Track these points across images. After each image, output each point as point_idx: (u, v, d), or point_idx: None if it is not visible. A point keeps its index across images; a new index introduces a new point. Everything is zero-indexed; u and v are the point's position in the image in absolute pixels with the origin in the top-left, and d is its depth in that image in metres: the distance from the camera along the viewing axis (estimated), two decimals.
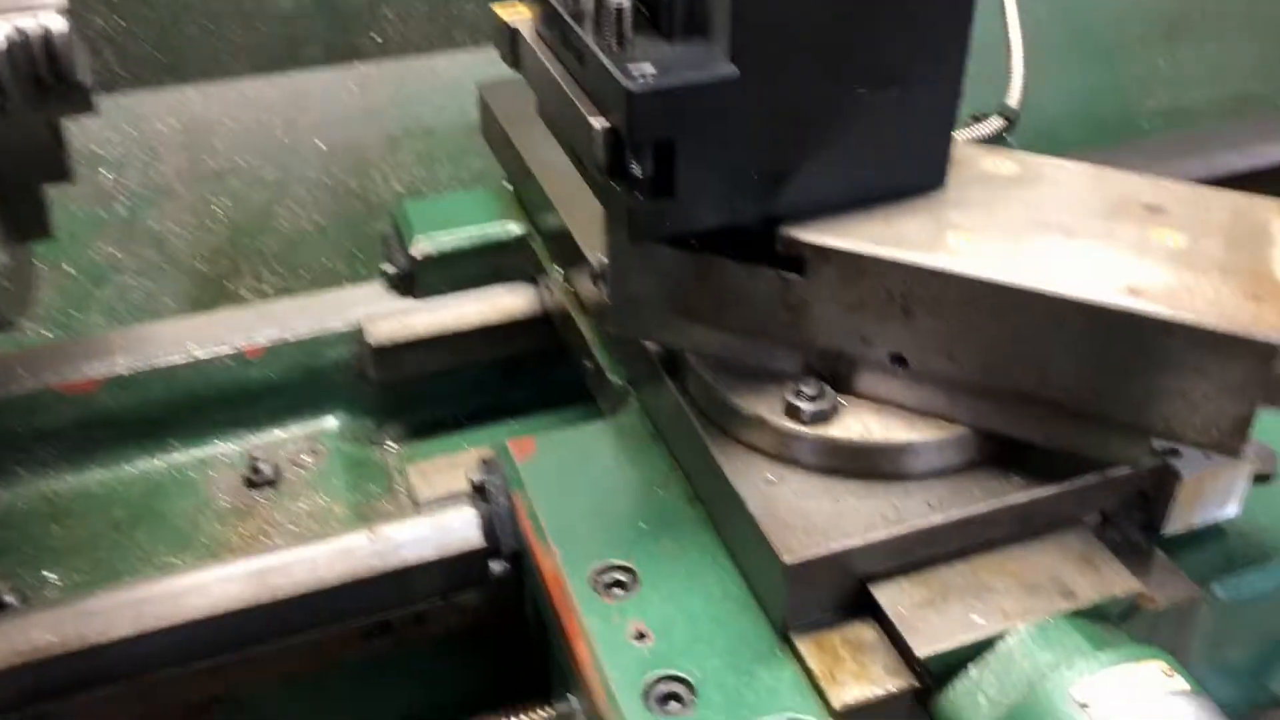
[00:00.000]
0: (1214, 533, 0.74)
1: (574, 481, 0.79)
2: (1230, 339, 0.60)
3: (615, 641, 0.68)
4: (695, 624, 0.68)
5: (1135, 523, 0.72)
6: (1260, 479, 0.75)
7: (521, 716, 0.86)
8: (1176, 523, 0.72)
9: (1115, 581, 0.67)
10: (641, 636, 0.68)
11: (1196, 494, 0.71)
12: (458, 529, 0.81)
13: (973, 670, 0.64)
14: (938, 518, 0.67)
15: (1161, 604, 0.69)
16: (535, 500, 0.78)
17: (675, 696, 0.65)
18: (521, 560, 0.79)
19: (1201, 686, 0.60)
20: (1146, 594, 0.68)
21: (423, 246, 1.07)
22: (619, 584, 0.71)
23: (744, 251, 0.68)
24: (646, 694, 0.65)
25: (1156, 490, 0.71)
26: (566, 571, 0.72)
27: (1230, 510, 0.73)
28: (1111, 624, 0.66)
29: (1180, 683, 0.59)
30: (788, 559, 0.65)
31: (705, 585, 0.71)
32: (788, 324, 0.70)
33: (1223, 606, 0.71)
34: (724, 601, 0.70)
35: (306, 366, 1.07)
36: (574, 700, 0.73)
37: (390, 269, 1.09)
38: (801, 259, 0.67)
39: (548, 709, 0.85)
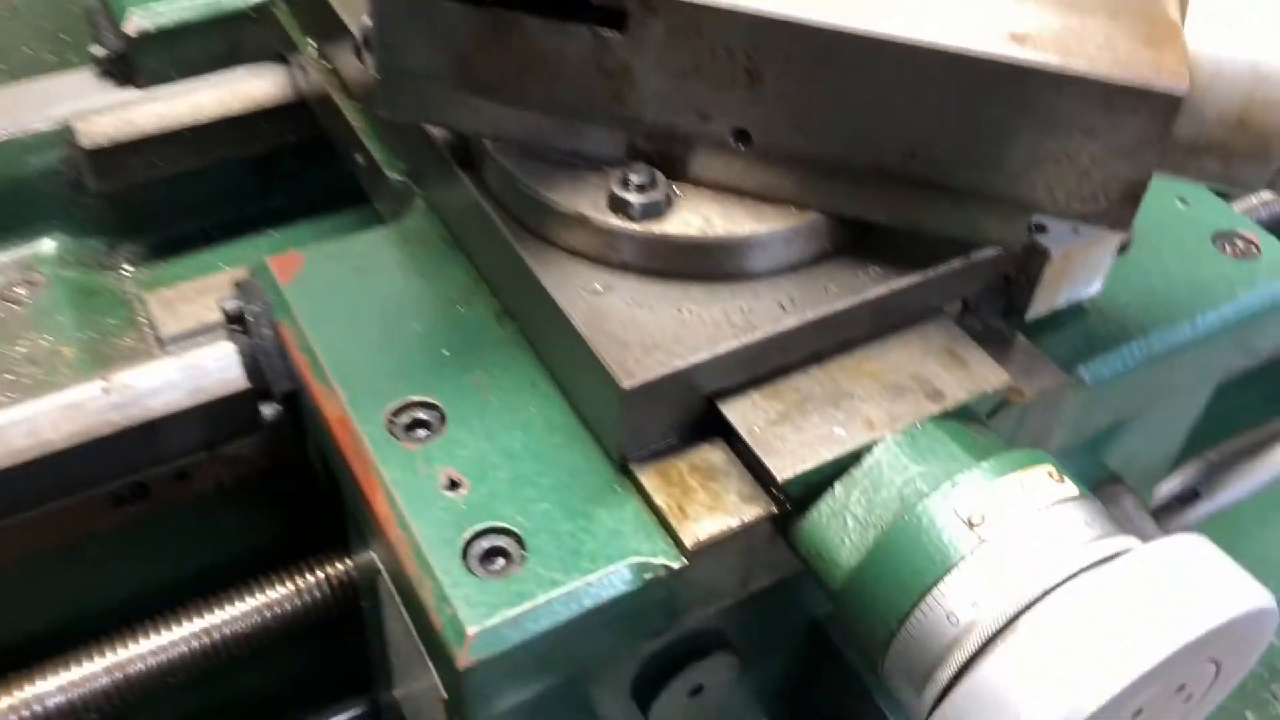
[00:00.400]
0: (1075, 313, 0.68)
1: (354, 303, 0.66)
2: (1129, 90, 0.51)
3: (423, 494, 0.56)
4: (517, 465, 0.58)
5: (997, 309, 0.65)
6: (1119, 250, 0.69)
7: (318, 572, 0.75)
8: (1040, 305, 0.65)
9: (984, 376, 0.60)
10: (454, 485, 0.57)
11: (1063, 273, 0.64)
12: (214, 370, 0.66)
13: (838, 489, 0.56)
14: (791, 320, 0.58)
15: (1030, 396, 0.62)
16: (308, 329, 0.64)
17: (501, 552, 0.54)
18: (299, 400, 0.66)
19: (1080, 483, 0.54)
20: (1016, 387, 0.61)
21: (138, 21, 0.87)
22: (421, 425, 0.60)
23: (549, 3, 0.54)
24: (465, 552, 0.54)
25: (1021, 272, 0.64)
26: (355, 415, 0.60)
27: (1094, 288, 0.67)
28: (981, 423, 0.59)
29: (1069, 487, 0.53)
30: (626, 383, 0.54)
31: (526, 418, 0.60)
32: (607, 96, 0.57)
33: (1086, 390, 0.66)
34: (549, 435, 0.59)
35: (6, 177, 0.87)
36: (376, 551, 0.62)
37: (100, 51, 0.89)
38: (622, 10, 0.54)
39: (347, 562, 0.74)
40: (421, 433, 0.59)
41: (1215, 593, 0.48)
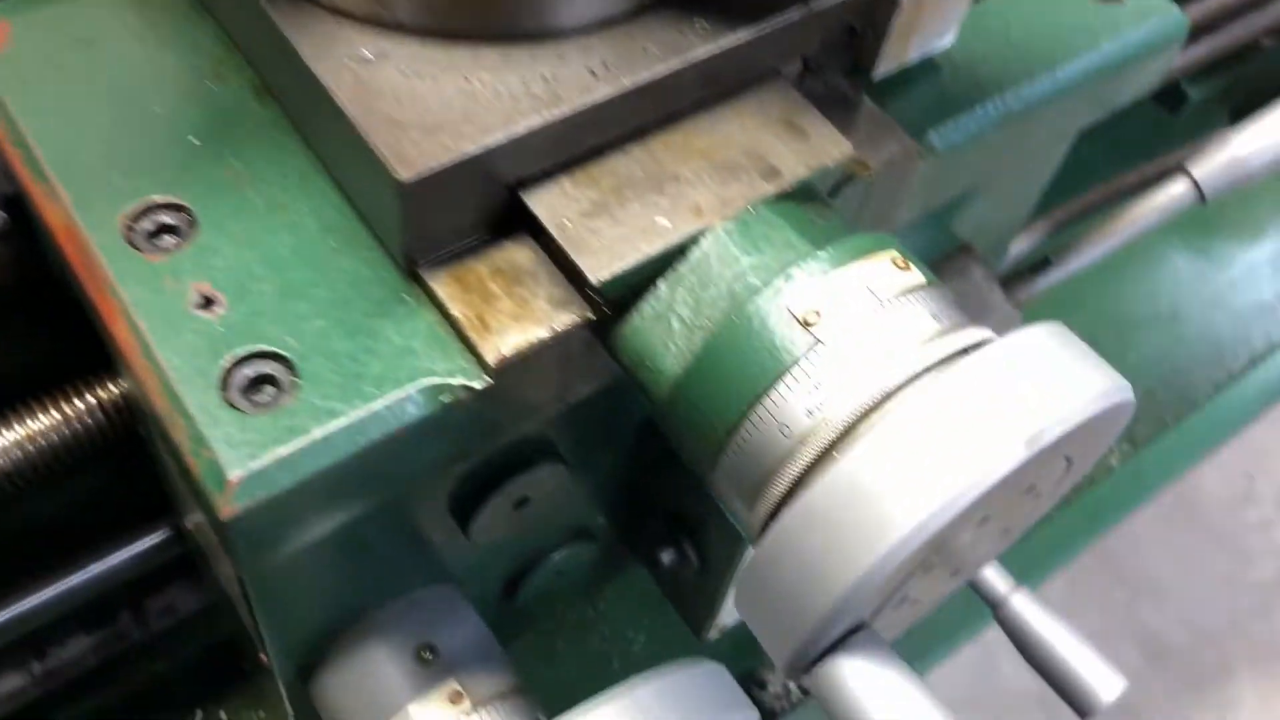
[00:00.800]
0: (926, 70, 0.60)
1: (78, 83, 0.54)
2: None
3: (170, 315, 0.47)
4: (285, 275, 0.49)
5: (841, 67, 0.57)
6: None
7: (88, 397, 0.65)
8: (889, 61, 0.57)
9: (825, 149, 0.52)
10: (209, 303, 0.48)
11: (915, 22, 0.56)
12: None
13: (662, 288, 0.49)
14: (604, 89, 0.49)
15: (876, 168, 0.56)
16: (20, 117, 0.52)
17: (268, 380, 0.46)
18: (24, 206, 0.55)
19: (928, 270, 0.48)
20: (861, 159, 0.54)
21: None
22: (167, 230, 0.50)
23: None
24: (225, 383, 0.46)
25: (867, 23, 0.56)
26: (84, 221, 0.49)
27: (947, 39, 0.59)
28: (823, 203, 0.52)
29: (915, 276, 0.47)
30: (404, 174, 0.45)
31: (294, 218, 0.50)
32: None
33: (938, 158, 0.59)
34: (323, 238, 0.50)
35: None
36: (127, 382, 0.53)
37: None
38: None
39: (113, 386, 0.64)
40: (167, 240, 0.49)
41: (1080, 388, 0.43)
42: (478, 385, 0.47)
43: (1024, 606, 0.57)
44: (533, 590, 0.73)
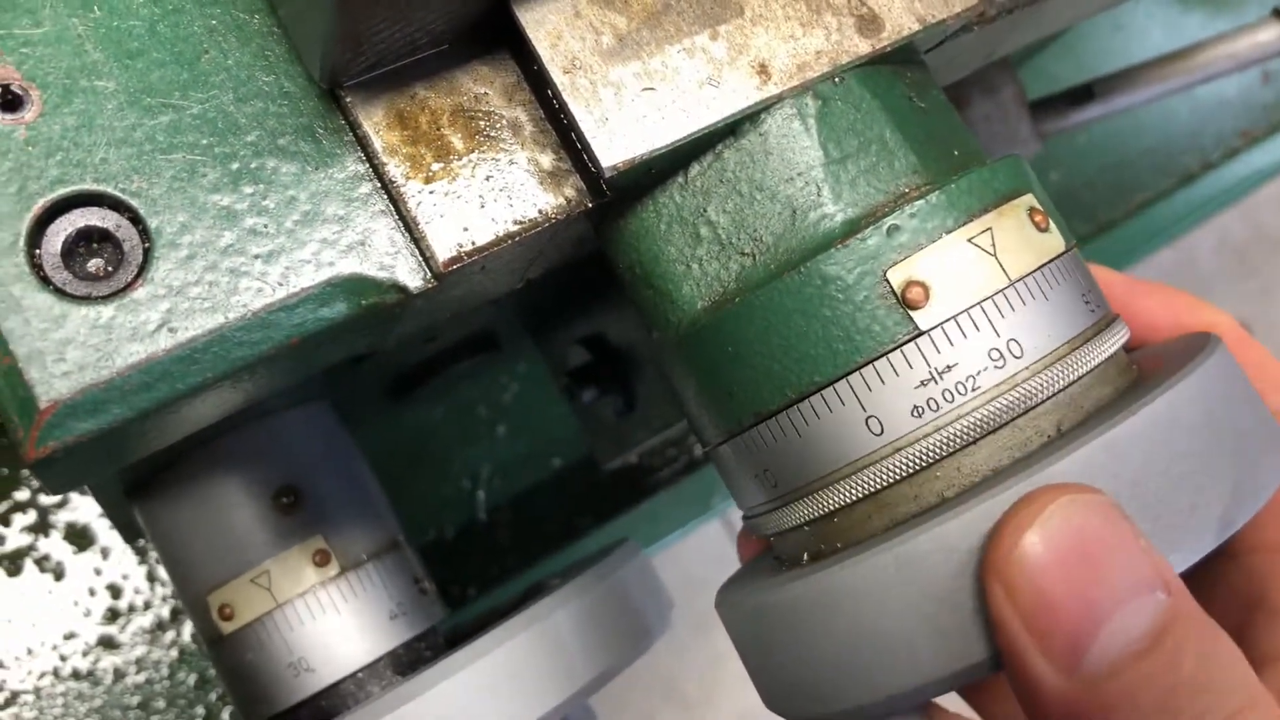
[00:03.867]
0: None
1: None
2: None
3: None
4: (134, 66, 0.32)
5: None
6: None
7: None
8: None
9: None
10: (13, 102, 0.30)
11: None
12: None
13: (694, 177, 0.34)
14: None
15: (992, 14, 0.40)
16: None
17: (102, 240, 0.31)
18: None
19: (1064, 224, 0.35)
20: (987, 10, 0.39)
21: None
22: None
23: None
24: (35, 240, 0.30)
25: None
26: None
27: None
28: (923, 74, 0.37)
29: (1055, 238, 0.33)
30: None
31: None
32: None
33: None
34: (199, 9, 0.32)
35: None
36: None
37: None
38: None
39: None
40: None
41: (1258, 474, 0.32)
42: (415, 286, 0.33)
43: None
44: (422, 399, 0.61)
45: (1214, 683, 0.28)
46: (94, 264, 0.30)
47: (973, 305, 0.31)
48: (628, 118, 0.32)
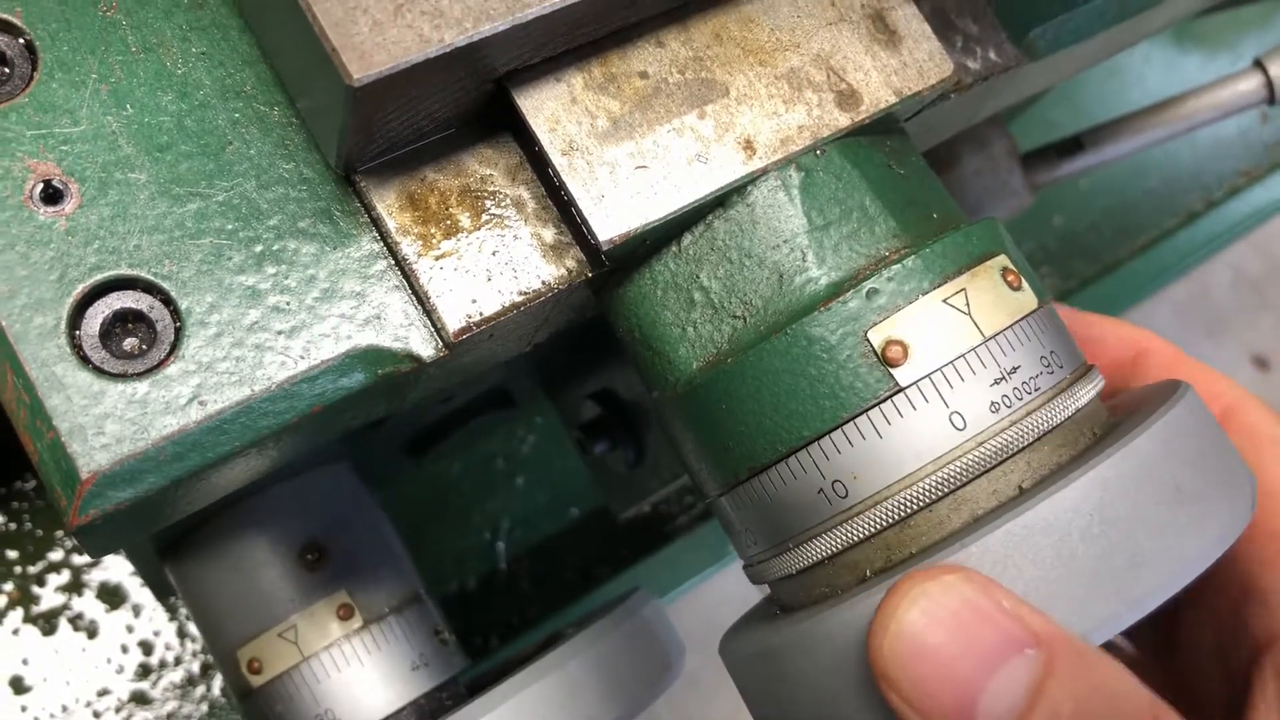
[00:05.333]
0: None
1: None
2: None
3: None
4: (165, 159, 0.34)
5: None
6: None
7: None
8: None
9: (921, 65, 0.39)
10: (54, 196, 0.33)
11: None
12: None
13: (688, 246, 0.36)
14: None
15: (968, 83, 0.43)
16: None
17: (136, 321, 0.33)
18: None
19: (1036, 280, 0.37)
20: (960, 79, 0.41)
21: None
22: None
23: None
24: (75, 322, 0.32)
25: None
26: None
27: None
28: (903, 142, 0.40)
29: (1027, 296, 0.35)
30: (355, 71, 0.30)
31: (181, 68, 0.35)
32: None
33: (1037, 65, 0.46)
34: (223, 105, 0.35)
35: None
36: None
37: None
38: None
39: None
40: None
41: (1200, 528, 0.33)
42: (428, 355, 0.35)
43: None
44: (441, 454, 0.63)
45: (1102, 715, 0.29)
46: (129, 343, 0.33)
47: (949, 362, 0.33)
48: (623, 194, 0.35)
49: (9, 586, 0.75)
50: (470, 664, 0.56)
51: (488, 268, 0.35)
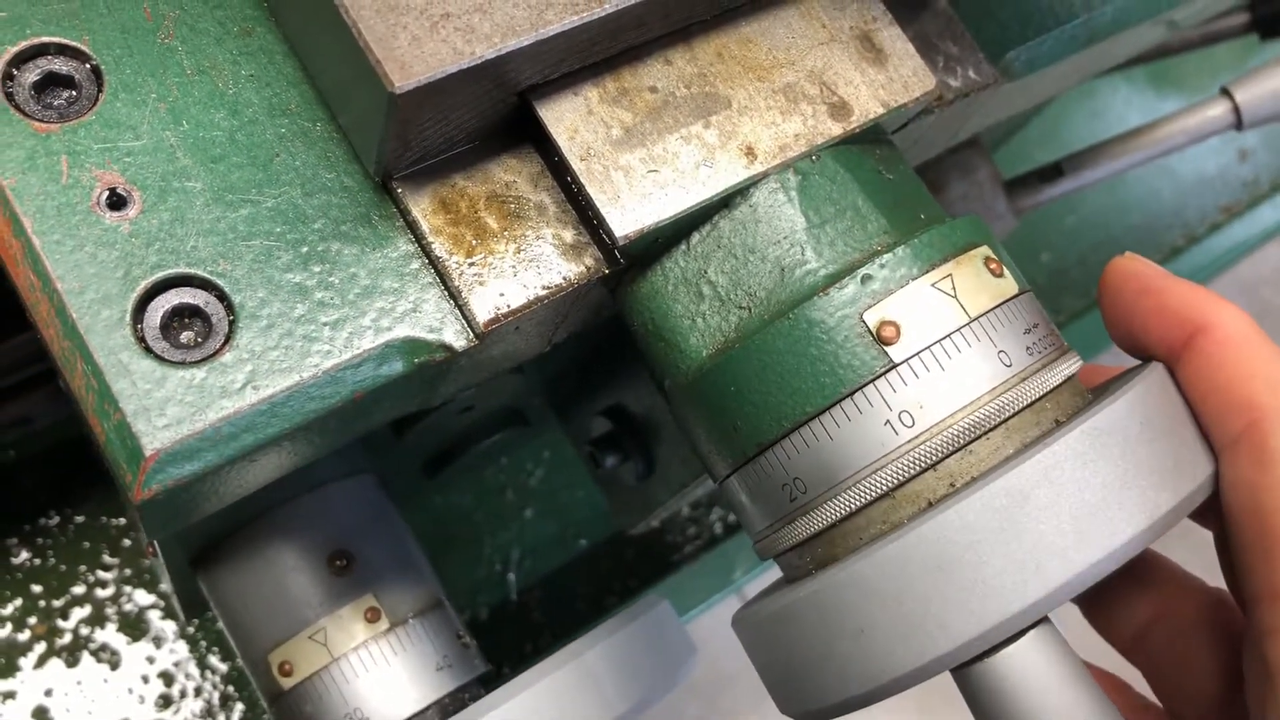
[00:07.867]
0: None
1: None
2: None
3: (66, 211, 0.36)
4: (219, 169, 0.37)
5: None
6: None
7: None
8: None
9: (906, 81, 0.43)
10: (119, 203, 0.36)
11: None
12: None
13: (695, 245, 0.40)
14: None
15: (950, 99, 0.46)
16: None
17: (193, 315, 0.36)
18: None
19: (1017, 269, 0.40)
20: (943, 95, 0.45)
21: None
22: (61, 84, 0.37)
23: None
24: (139, 316, 0.36)
25: None
26: None
27: None
28: (890, 151, 0.43)
29: (1009, 283, 0.39)
30: (398, 83, 0.34)
31: (232, 89, 0.38)
32: None
33: (1014, 85, 0.50)
34: (270, 121, 0.39)
35: None
36: None
37: None
38: None
39: None
40: (60, 98, 0.37)
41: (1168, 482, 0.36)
42: (460, 345, 0.38)
43: None
44: (455, 473, 0.66)
45: None
46: (186, 335, 0.36)
47: (937, 340, 0.36)
48: (636, 195, 0.38)
49: (33, 620, 0.77)
50: (490, 669, 0.58)
51: (513, 265, 0.38)
